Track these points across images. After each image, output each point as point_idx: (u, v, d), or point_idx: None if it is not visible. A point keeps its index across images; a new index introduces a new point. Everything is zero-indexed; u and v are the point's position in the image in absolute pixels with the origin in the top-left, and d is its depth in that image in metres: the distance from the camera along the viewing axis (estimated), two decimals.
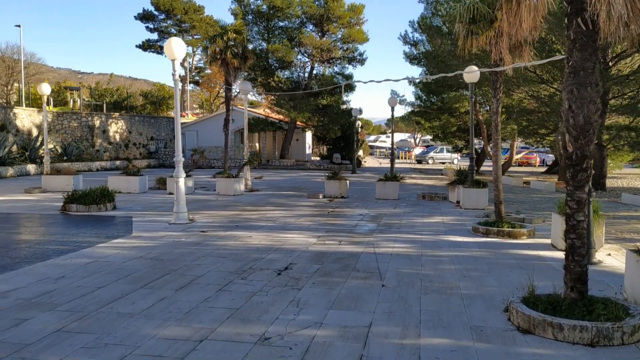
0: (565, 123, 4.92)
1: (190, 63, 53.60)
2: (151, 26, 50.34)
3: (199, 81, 56.39)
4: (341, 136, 36.87)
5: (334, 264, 7.22)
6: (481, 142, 29.59)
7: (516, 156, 36.04)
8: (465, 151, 37.85)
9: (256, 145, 39.84)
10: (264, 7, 34.89)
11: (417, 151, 54.41)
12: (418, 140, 73.64)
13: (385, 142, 66.69)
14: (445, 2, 24.34)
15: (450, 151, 45.86)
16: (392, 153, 23.78)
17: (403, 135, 75.48)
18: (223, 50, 20.97)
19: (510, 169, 31.20)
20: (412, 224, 11.15)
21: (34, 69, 50.37)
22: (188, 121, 40.72)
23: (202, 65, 53.97)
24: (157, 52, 51.40)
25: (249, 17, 35.41)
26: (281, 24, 35.97)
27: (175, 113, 11.36)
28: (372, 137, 77.49)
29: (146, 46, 50.54)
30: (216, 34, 22.32)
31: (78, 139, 30.82)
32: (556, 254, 8.03)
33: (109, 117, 33.39)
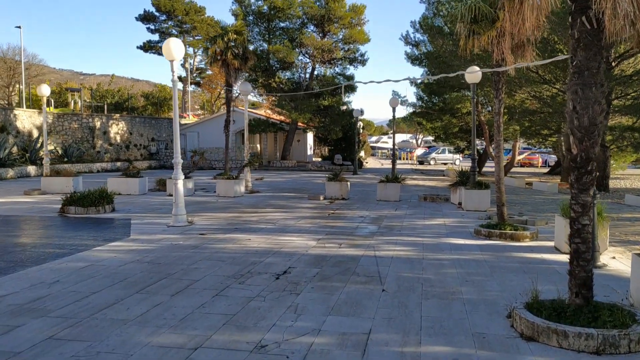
0: (569, 124, 4.80)
1: (191, 64, 53.50)
2: (152, 27, 50.24)
3: (200, 82, 56.28)
4: (342, 137, 36.71)
5: (334, 268, 7.10)
6: (483, 143, 29.45)
7: (518, 157, 35.92)
8: (467, 152, 37.65)
9: (257, 146, 39.73)
10: (265, 8, 34.81)
11: (419, 152, 54.27)
12: (420, 141, 73.51)
13: (387, 143, 66.52)
14: (446, 2, 24.21)
15: (452, 152, 45.72)
16: (394, 154, 23.64)
17: (405, 136, 75.32)
18: (224, 51, 20.88)
19: (512, 170, 31.07)
20: (414, 226, 11.03)
21: (36, 70, 50.38)
22: (189, 122, 40.61)
23: (203, 66, 53.85)
24: (159, 53, 51.34)
25: (250, 18, 35.32)
26: (282, 25, 35.85)
27: (174, 114, 11.25)
28: (374, 138, 77.31)
29: (147, 47, 50.44)
30: (217, 35, 22.21)
31: (79, 140, 30.76)
32: (560, 257, 7.90)
33: (110, 119, 33.33)
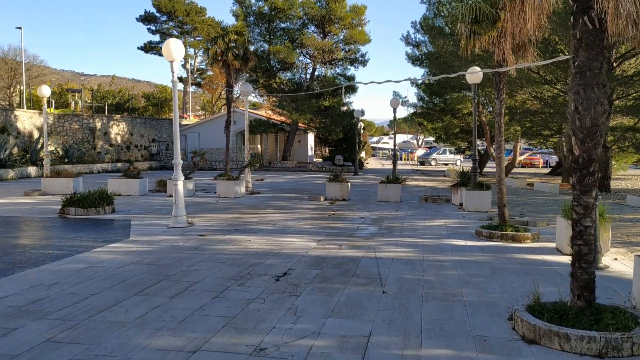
0: (571, 125, 4.76)
1: (192, 65, 53.52)
2: (153, 28, 50.29)
3: (201, 83, 56.29)
4: (343, 138, 36.66)
5: (334, 269, 7.07)
6: (484, 144, 29.40)
7: (519, 157, 35.85)
8: (468, 152, 37.61)
9: (258, 147, 39.69)
10: (266, 9, 34.78)
11: (420, 152, 54.26)
12: (421, 141, 73.41)
13: (387, 144, 66.45)
14: (447, 3, 24.17)
15: (453, 152, 45.69)
16: (395, 155, 23.61)
17: (405, 136, 75.28)
18: (224, 51, 20.86)
19: (513, 171, 31.01)
20: (414, 227, 10.99)
21: (37, 71, 50.39)
22: (190, 123, 40.58)
23: (204, 67, 53.83)
24: (159, 54, 51.25)
25: (251, 19, 35.29)
26: (283, 25, 35.82)
27: (174, 115, 11.21)
28: (375, 139, 77.30)
29: (148, 48, 50.45)
30: (217, 36, 22.17)
31: (79, 141, 30.75)
32: (561, 259, 7.86)
33: (111, 119, 33.32)
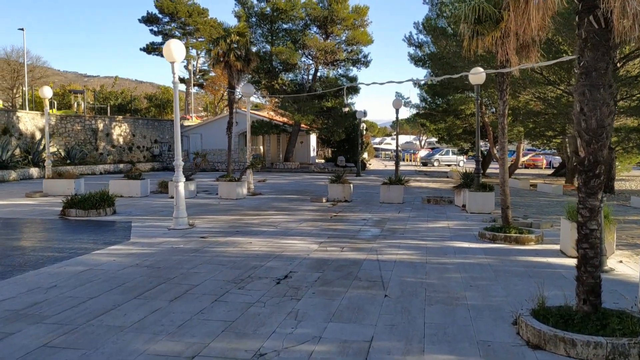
0: (576, 127, 4.67)
1: (194, 66, 53.51)
2: (155, 29, 50.26)
3: (203, 84, 56.29)
4: (346, 139, 36.61)
5: (336, 272, 6.99)
6: (487, 145, 29.29)
7: (522, 158, 35.72)
8: (471, 153, 37.52)
9: (260, 148, 39.65)
10: (268, 10, 34.77)
11: (423, 153, 54.14)
12: (423, 142, 73.32)
13: (390, 145, 66.36)
14: (450, 3, 24.07)
15: (455, 153, 45.56)
16: (397, 156, 23.52)
17: (408, 137, 75.20)
18: (226, 52, 20.81)
19: (516, 172, 30.89)
20: (417, 229, 10.90)
21: (40, 72, 50.48)
22: (192, 124, 40.58)
23: (207, 68, 53.77)
24: (162, 55, 51.00)
25: (253, 20, 35.27)
26: (285, 26, 35.80)
27: (174, 116, 11.15)
28: (377, 140, 77.21)
29: (150, 49, 50.44)
30: (219, 37, 22.09)
31: (82, 142, 30.75)
32: (566, 261, 7.77)
33: (113, 120, 33.31)
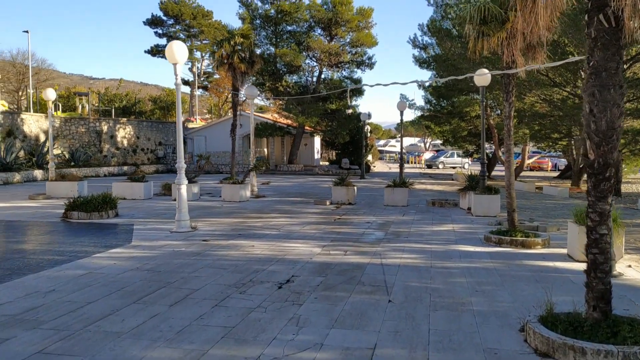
0: (586, 128, 4.55)
1: (198, 68, 53.55)
2: (160, 31, 50.32)
3: (208, 86, 56.27)
4: (350, 141, 36.48)
5: (338, 277, 6.87)
6: (492, 147, 29.11)
7: (528, 161, 35.50)
8: (476, 156, 37.30)
9: (264, 150, 39.60)
10: (272, 12, 34.74)
11: (427, 156, 53.88)
12: (428, 144, 73.05)
13: (394, 147, 66.12)
14: (455, 5, 23.98)
15: (460, 156, 45.31)
16: (402, 158, 23.37)
17: (413, 139, 74.95)
18: (230, 54, 20.77)
19: (522, 174, 30.68)
20: (421, 233, 10.77)
21: (45, 75, 50.67)
22: (196, 126, 40.59)
23: (211, 70, 53.78)
24: (166, 58, 51.27)
25: (257, 22, 35.24)
26: (289, 28, 35.76)
27: (177, 118, 11.08)
28: (382, 142, 77.02)
29: (155, 51, 50.48)
30: (223, 39, 22.03)
31: (86, 145, 30.76)
32: (574, 266, 7.62)
33: (117, 123, 33.32)
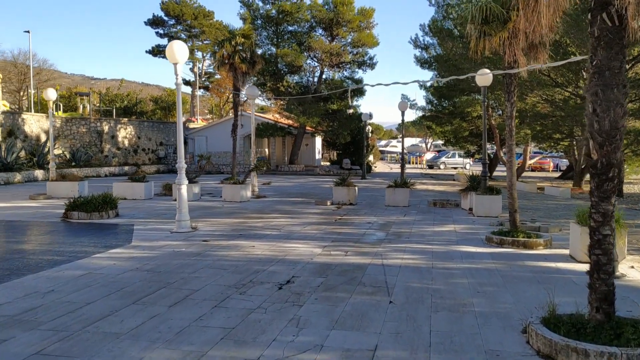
0: (589, 128, 4.51)
1: (199, 68, 53.54)
2: (161, 32, 50.32)
3: (209, 86, 56.25)
4: (351, 141, 36.44)
5: (339, 277, 6.83)
6: (494, 147, 29.07)
7: (529, 161, 35.43)
8: (477, 156, 37.26)
9: (265, 150, 39.57)
10: (273, 12, 34.71)
11: (429, 156, 53.85)
12: (429, 145, 72.99)
13: (396, 147, 66.03)
14: (456, 5, 23.94)
15: (462, 156, 45.27)
16: (403, 158, 23.33)
17: (414, 140, 74.91)
18: (231, 54, 20.72)
19: (523, 174, 30.63)
20: (423, 233, 10.72)
21: (47, 75, 50.73)
22: (197, 126, 40.56)
23: (212, 70, 53.74)
24: (167, 58, 51.22)
25: (258, 22, 35.21)
26: (290, 29, 35.72)
27: (177, 117, 11.05)
28: (383, 142, 77.03)
29: (156, 51, 50.47)
30: (224, 39, 22.00)
31: (87, 145, 30.75)
32: (576, 266, 7.57)
33: (118, 123, 33.32)
